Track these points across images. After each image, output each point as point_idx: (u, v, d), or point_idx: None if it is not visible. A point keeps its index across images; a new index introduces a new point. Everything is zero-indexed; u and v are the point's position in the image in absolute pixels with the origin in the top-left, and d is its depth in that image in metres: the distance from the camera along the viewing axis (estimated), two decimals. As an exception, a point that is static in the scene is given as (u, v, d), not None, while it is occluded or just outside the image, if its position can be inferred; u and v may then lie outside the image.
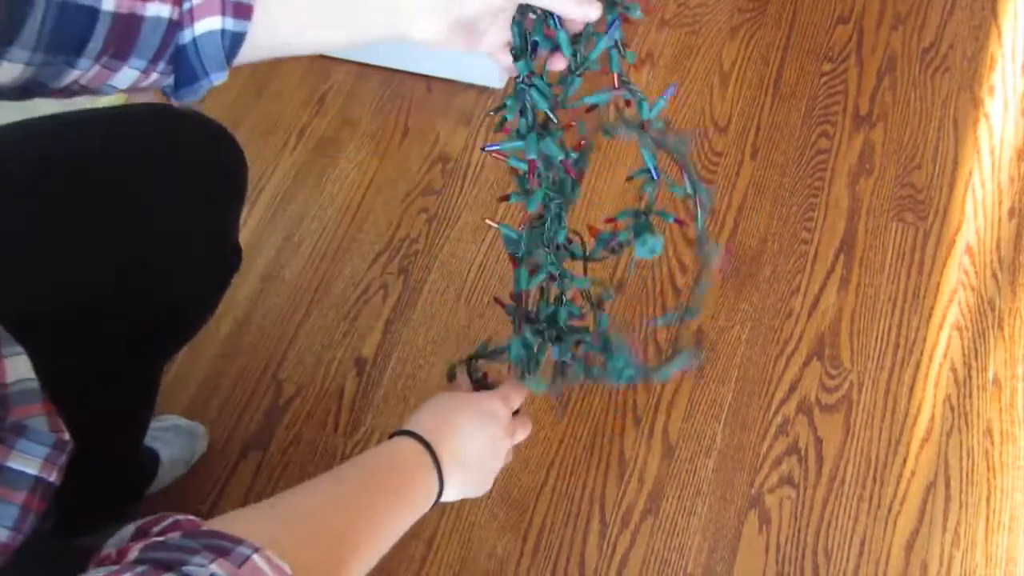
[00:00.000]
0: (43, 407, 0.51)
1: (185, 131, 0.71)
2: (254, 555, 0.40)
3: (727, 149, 1.26)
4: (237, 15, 0.49)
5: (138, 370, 0.78)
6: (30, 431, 0.49)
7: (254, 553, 0.40)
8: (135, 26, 0.47)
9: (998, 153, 1.20)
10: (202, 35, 0.49)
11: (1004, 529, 0.95)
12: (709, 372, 1.07)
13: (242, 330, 1.19)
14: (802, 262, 1.15)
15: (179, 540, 0.39)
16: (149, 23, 0.47)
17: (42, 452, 0.50)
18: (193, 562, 0.37)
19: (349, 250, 1.24)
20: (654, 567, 0.96)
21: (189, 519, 0.42)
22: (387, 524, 0.56)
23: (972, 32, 1.32)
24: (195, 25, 0.49)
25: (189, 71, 0.51)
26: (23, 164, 0.64)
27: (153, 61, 0.49)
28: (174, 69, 0.51)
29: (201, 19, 0.48)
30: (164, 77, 0.51)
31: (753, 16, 1.39)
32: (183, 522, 0.42)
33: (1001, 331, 1.07)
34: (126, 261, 0.65)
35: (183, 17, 0.48)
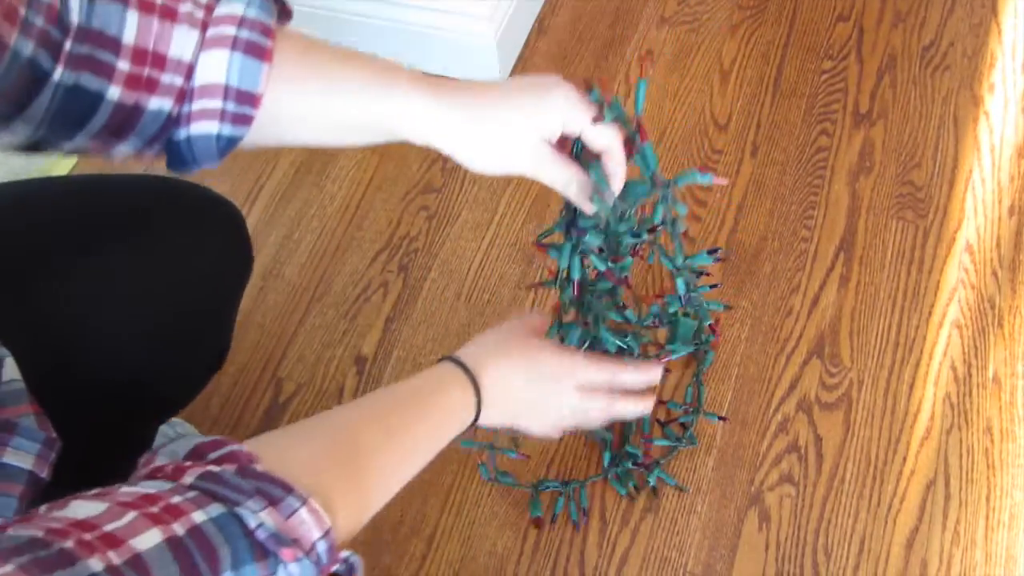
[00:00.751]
0: (31, 407, 0.51)
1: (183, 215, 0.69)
2: (301, 508, 0.41)
3: (727, 147, 1.26)
4: (236, 123, 0.50)
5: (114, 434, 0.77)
6: (21, 428, 0.50)
7: (302, 506, 0.41)
8: (137, 115, 0.49)
9: (998, 151, 1.20)
10: (197, 136, 0.50)
11: (1004, 527, 0.95)
12: (709, 370, 1.07)
13: (242, 328, 1.19)
14: (802, 260, 1.15)
15: (233, 477, 0.41)
16: (150, 115, 0.49)
17: (34, 448, 0.50)
18: (245, 505, 0.39)
19: (349, 248, 1.24)
20: (654, 565, 0.96)
21: (244, 451, 0.43)
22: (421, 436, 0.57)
23: (972, 30, 1.32)
24: (191, 126, 0.50)
25: (180, 158, 0.53)
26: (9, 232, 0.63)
27: (148, 144, 0.51)
28: (167, 151, 0.53)
29: (198, 122, 0.50)
30: (158, 156, 0.53)
31: (753, 14, 1.39)
32: (239, 454, 0.43)
33: (1001, 329, 1.07)
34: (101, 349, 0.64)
35: (181, 117, 0.50)
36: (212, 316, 0.72)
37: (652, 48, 1.38)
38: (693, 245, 1.17)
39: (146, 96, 0.48)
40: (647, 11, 1.42)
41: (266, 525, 0.39)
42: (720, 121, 1.29)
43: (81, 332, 0.62)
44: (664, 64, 1.36)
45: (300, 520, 0.41)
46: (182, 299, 0.67)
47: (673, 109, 1.31)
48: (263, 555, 0.39)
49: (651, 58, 1.31)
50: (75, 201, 0.67)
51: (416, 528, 1.01)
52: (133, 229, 0.66)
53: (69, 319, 0.61)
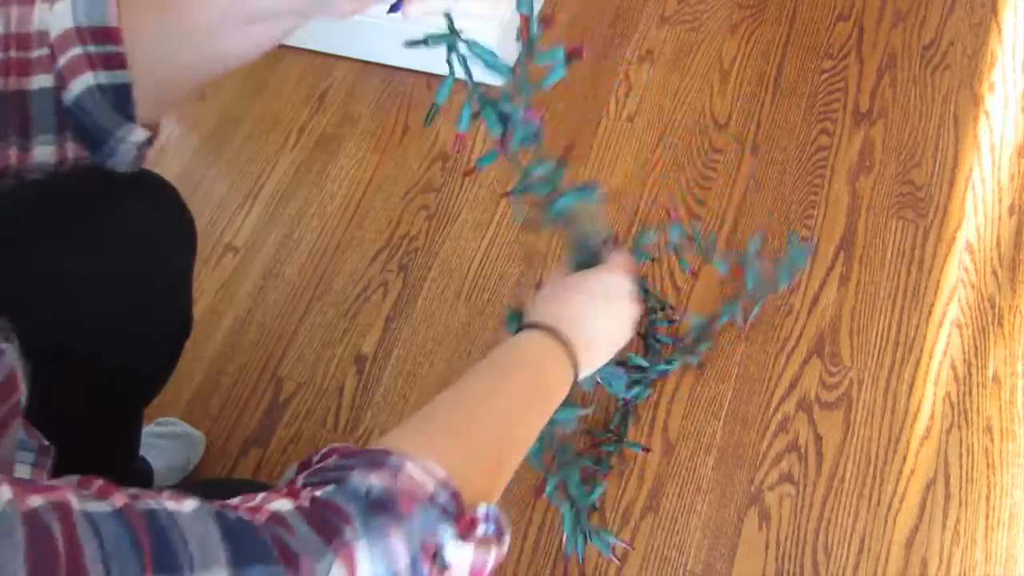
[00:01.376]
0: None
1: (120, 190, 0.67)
2: (407, 463, 0.42)
3: (727, 146, 1.26)
4: (108, 66, 0.47)
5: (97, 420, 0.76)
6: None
7: (407, 462, 0.42)
8: (25, 102, 0.46)
9: (998, 150, 1.20)
10: (80, 95, 0.47)
11: (1004, 526, 0.95)
12: (709, 370, 1.07)
13: (242, 327, 1.19)
14: (802, 259, 1.15)
15: (337, 462, 0.42)
16: (37, 96, 0.46)
17: (30, 458, 0.50)
18: (351, 478, 0.40)
19: (349, 247, 1.24)
20: (654, 564, 0.96)
21: (345, 445, 0.45)
22: (536, 419, 0.58)
23: (972, 29, 1.32)
24: (71, 86, 0.47)
25: (88, 133, 0.49)
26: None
27: (59, 132, 0.48)
28: (83, 137, 0.49)
29: (73, 78, 0.47)
30: (80, 148, 0.50)
31: (753, 13, 1.39)
32: (339, 448, 0.44)
33: (1001, 328, 1.07)
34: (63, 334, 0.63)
35: (59, 81, 0.47)
36: (163, 280, 0.72)
37: (652, 47, 1.38)
38: (692, 243, 1.17)
39: (23, 79, 0.46)
40: (647, 10, 1.42)
41: (375, 487, 0.40)
42: (720, 120, 1.29)
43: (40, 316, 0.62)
44: (664, 63, 1.36)
45: (408, 474, 0.41)
46: (130, 268, 0.67)
47: (673, 108, 1.31)
48: (384, 510, 0.39)
49: None
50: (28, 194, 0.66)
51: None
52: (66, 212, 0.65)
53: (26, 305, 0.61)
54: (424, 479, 0.42)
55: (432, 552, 0.40)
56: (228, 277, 1.24)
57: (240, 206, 1.30)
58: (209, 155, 1.37)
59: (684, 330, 1.08)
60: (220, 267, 1.24)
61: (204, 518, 0.34)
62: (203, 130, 1.41)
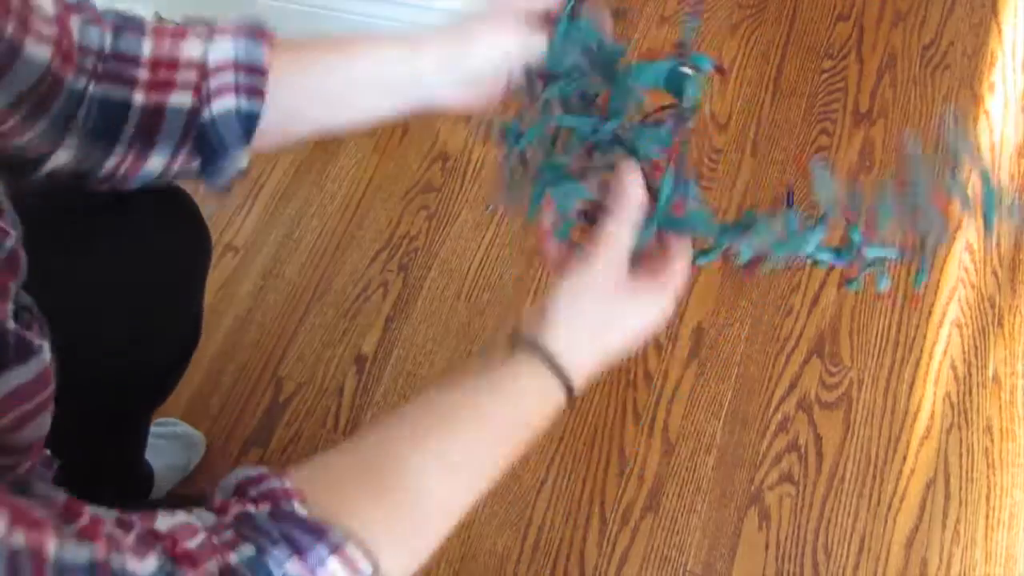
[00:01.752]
0: None
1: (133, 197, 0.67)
2: (331, 558, 0.40)
3: (727, 146, 1.26)
4: (250, 95, 0.55)
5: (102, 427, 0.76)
6: None
7: (331, 555, 0.40)
8: (160, 116, 0.53)
9: (998, 150, 1.20)
10: (219, 114, 0.54)
11: (1003, 526, 0.95)
12: (709, 370, 1.07)
13: (242, 327, 1.19)
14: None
15: (265, 521, 0.40)
16: (172, 112, 0.53)
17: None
18: (272, 553, 0.39)
19: (349, 247, 1.24)
20: (654, 564, 0.96)
21: (283, 488, 0.42)
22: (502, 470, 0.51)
23: (972, 29, 1.32)
24: (212, 105, 0.54)
25: (211, 149, 0.56)
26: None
27: (179, 145, 0.55)
28: (199, 152, 0.56)
29: (218, 99, 0.54)
30: (191, 159, 0.56)
31: (753, 13, 1.39)
32: (277, 491, 0.42)
33: (1001, 328, 1.07)
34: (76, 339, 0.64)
35: (202, 102, 0.54)
36: (177, 289, 0.73)
37: (652, 47, 1.38)
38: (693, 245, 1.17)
39: (166, 95, 0.53)
40: (647, 10, 1.42)
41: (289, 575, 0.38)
42: (720, 120, 1.29)
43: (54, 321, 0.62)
44: (664, 63, 1.36)
45: (329, 571, 0.39)
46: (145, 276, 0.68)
47: (673, 108, 1.31)
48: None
49: None
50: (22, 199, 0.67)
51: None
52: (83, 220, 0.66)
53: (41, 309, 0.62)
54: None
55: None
56: (228, 277, 1.24)
57: (240, 206, 1.30)
58: (209, 155, 1.37)
59: None
60: (220, 267, 1.24)
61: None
62: (203, 130, 1.41)
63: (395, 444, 0.47)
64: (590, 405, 1.07)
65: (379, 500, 0.45)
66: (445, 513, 0.47)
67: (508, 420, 0.51)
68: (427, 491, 0.46)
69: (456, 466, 0.48)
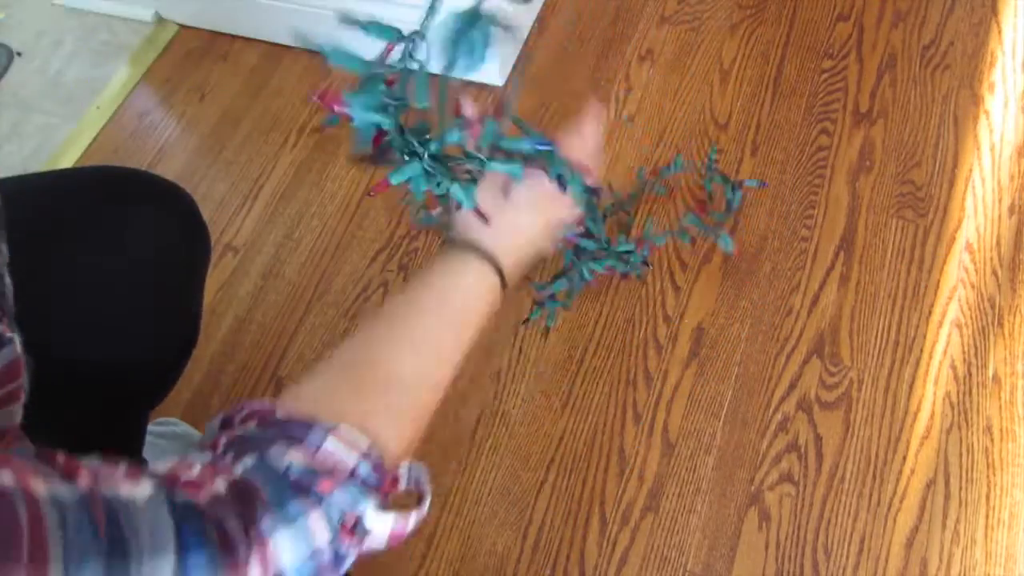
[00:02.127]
0: None
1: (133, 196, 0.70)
2: (327, 439, 0.42)
3: (727, 146, 1.26)
4: None
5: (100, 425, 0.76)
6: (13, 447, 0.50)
7: (326, 437, 0.42)
8: None
9: (998, 150, 1.20)
10: None
11: (1004, 526, 0.95)
12: (709, 370, 1.07)
13: (242, 327, 1.19)
14: (802, 259, 1.15)
15: (256, 432, 0.42)
16: None
17: None
18: (271, 453, 0.41)
19: (349, 247, 1.24)
20: (654, 564, 0.96)
21: (263, 406, 0.44)
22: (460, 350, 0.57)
23: (972, 29, 1.32)
24: None
25: None
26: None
27: None
28: None
29: None
30: None
31: (753, 13, 1.39)
32: (260, 410, 0.44)
33: (1001, 328, 1.07)
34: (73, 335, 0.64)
35: None
36: (176, 288, 0.73)
37: (652, 47, 1.38)
38: (694, 244, 1.17)
39: None
40: (647, 10, 1.42)
41: (295, 465, 0.40)
42: (720, 120, 1.29)
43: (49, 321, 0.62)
44: (664, 63, 1.36)
45: (329, 451, 0.42)
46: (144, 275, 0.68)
47: (673, 108, 1.31)
48: (303, 492, 0.40)
49: None
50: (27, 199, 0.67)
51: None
52: (85, 219, 0.67)
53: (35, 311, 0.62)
54: (346, 454, 0.42)
55: (352, 524, 0.41)
56: (228, 277, 1.24)
57: (240, 206, 1.30)
58: (209, 155, 1.37)
59: None
60: (220, 267, 1.24)
61: (157, 506, 0.36)
62: (203, 130, 1.41)
63: (366, 343, 0.52)
64: (590, 405, 1.07)
65: (361, 389, 0.48)
66: (426, 387, 0.52)
67: (455, 301, 0.57)
68: (403, 371, 0.51)
69: (423, 346, 0.53)
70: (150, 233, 0.69)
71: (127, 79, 1.51)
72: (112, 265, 0.66)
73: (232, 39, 1.51)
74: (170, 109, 1.45)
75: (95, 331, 0.65)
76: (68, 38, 1.59)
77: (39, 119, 1.48)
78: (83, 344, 0.64)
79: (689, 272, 1.15)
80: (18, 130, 1.47)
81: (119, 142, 1.44)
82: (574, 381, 1.09)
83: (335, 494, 0.41)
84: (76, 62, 1.55)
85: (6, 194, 0.66)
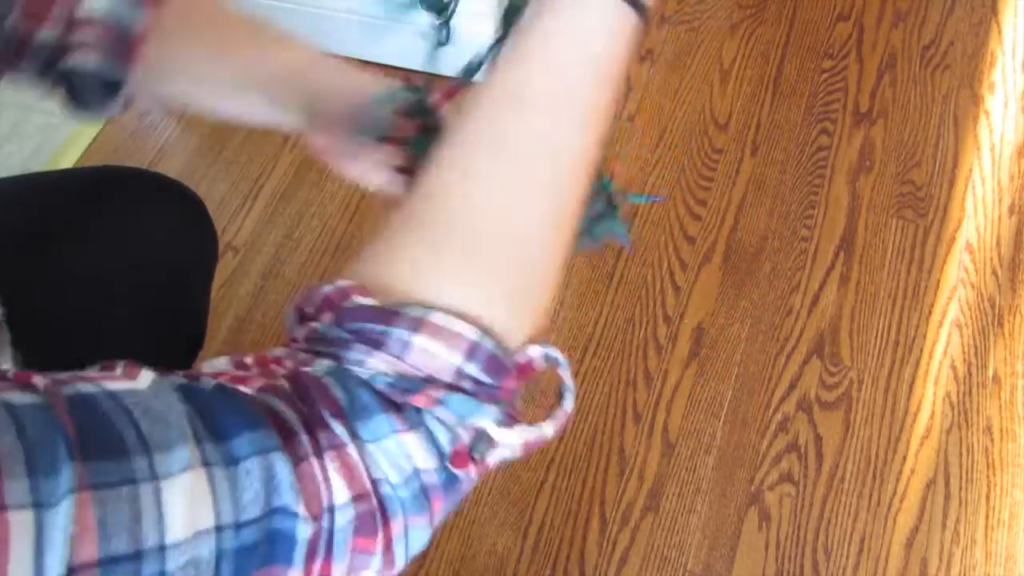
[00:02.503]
0: None
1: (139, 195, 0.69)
2: (415, 337, 0.32)
3: (727, 146, 1.26)
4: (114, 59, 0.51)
5: None
6: None
7: (414, 334, 0.32)
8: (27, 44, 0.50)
9: (998, 150, 1.20)
10: (78, 68, 0.51)
11: (1003, 526, 0.95)
12: (709, 370, 1.07)
13: (243, 327, 1.19)
14: (802, 259, 1.15)
15: (331, 329, 0.33)
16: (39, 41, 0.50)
17: None
18: (348, 358, 0.32)
19: (349, 247, 1.24)
20: (654, 564, 0.96)
21: (339, 290, 0.34)
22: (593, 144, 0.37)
23: (972, 29, 1.32)
24: (71, 58, 0.51)
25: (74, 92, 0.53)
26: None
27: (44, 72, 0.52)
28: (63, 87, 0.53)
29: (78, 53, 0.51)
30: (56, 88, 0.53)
31: (753, 13, 1.39)
32: (332, 296, 0.34)
33: (1001, 328, 1.07)
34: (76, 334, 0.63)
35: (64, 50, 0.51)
36: (181, 289, 0.72)
37: (652, 47, 1.38)
38: (693, 244, 1.17)
39: (36, 27, 0.50)
40: (647, 10, 1.42)
41: (379, 375, 0.31)
42: (720, 120, 1.29)
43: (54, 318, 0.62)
44: (664, 63, 1.36)
45: (421, 352, 0.31)
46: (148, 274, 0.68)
47: (673, 108, 1.31)
48: (394, 407, 0.31)
49: None
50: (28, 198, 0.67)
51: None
52: (90, 219, 0.66)
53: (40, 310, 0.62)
54: (446, 354, 0.32)
55: (469, 442, 0.33)
56: (228, 277, 1.24)
57: (240, 206, 1.30)
58: (209, 155, 1.37)
59: None
60: (220, 267, 1.24)
61: (164, 393, 0.28)
62: (203, 130, 1.41)
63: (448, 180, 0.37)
64: (590, 405, 1.07)
65: (444, 238, 0.35)
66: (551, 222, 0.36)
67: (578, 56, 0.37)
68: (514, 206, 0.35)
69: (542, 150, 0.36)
70: (157, 232, 0.69)
71: (127, 79, 1.50)
72: (119, 265, 0.66)
73: (232, 39, 1.51)
74: (170, 109, 1.45)
75: (101, 331, 0.65)
76: (68, 38, 1.59)
77: (39, 119, 1.48)
78: (88, 345, 0.64)
79: (689, 272, 1.15)
80: (18, 130, 1.47)
81: (119, 142, 1.44)
82: (574, 381, 1.09)
83: (439, 409, 0.31)
84: (76, 62, 1.55)
85: (9, 194, 0.66)
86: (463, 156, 0.36)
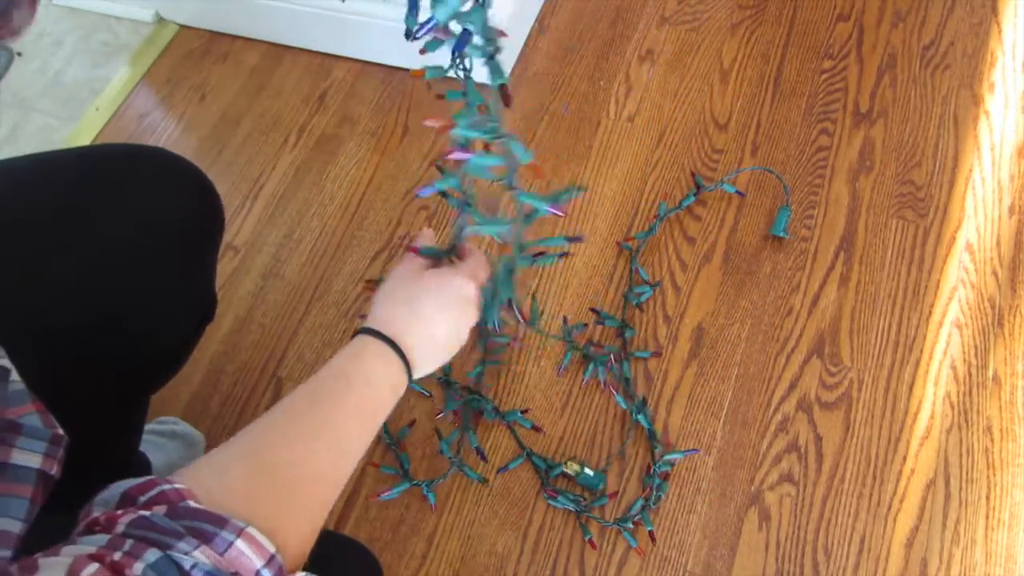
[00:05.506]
0: (34, 406, 0.52)
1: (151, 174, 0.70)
2: (237, 540, 0.41)
3: (727, 146, 1.26)
4: None
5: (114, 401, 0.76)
6: (26, 428, 0.50)
7: (237, 538, 0.41)
8: None
9: (998, 150, 1.20)
10: None
11: (1004, 526, 0.95)
12: (709, 370, 1.07)
13: (243, 327, 1.19)
14: (802, 259, 1.15)
15: (163, 520, 0.41)
16: None
17: (41, 447, 0.50)
18: (178, 547, 0.39)
19: (349, 247, 1.24)
20: (654, 564, 0.96)
21: (175, 489, 0.43)
22: (364, 442, 0.57)
23: (972, 29, 1.32)
24: None
25: None
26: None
27: None
28: None
29: None
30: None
31: (753, 13, 1.39)
32: (169, 493, 0.43)
33: (1001, 328, 1.07)
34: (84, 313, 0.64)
35: None
36: (191, 262, 0.73)
37: (652, 47, 1.38)
38: (693, 245, 1.17)
39: None
40: (647, 10, 1.42)
41: (200, 564, 0.39)
42: (720, 121, 1.29)
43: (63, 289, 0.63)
44: (664, 63, 1.36)
45: (237, 552, 0.41)
46: (159, 246, 0.68)
47: (673, 108, 1.31)
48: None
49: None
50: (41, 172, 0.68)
51: (416, 527, 1.01)
52: (107, 189, 0.67)
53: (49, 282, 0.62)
54: (252, 559, 0.41)
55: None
56: (228, 277, 1.24)
57: (240, 206, 1.30)
58: (209, 155, 1.37)
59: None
60: (220, 267, 1.24)
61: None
62: (203, 130, 1.41)
63: (283, 435, 0.53)
64: (590, 405, 1.07)
65: (265, 486, 0.48)
66: (332, 485, 0.53)
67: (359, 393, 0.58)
68: (319, 470, 0.52)
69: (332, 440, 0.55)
70: (170, 205, 0.69)
71: (127, 79, 1.51)
72: (135, 239, 0.66)
73: (232, 39, 1.51)
74: (170, 109, 1.45)
75: (104, 303, 0.65)
76: (68, 38, 1.59)
77: (39, 119, 1.48)
78: (92, 316, 0.64)
79: (689, 272, 1.15)
80: (18, 130, 1.47)
81: (119, 142, 1.44)
82: (574, 381, 1.09)
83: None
84: (76, 62, 1.55)
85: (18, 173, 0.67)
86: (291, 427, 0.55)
